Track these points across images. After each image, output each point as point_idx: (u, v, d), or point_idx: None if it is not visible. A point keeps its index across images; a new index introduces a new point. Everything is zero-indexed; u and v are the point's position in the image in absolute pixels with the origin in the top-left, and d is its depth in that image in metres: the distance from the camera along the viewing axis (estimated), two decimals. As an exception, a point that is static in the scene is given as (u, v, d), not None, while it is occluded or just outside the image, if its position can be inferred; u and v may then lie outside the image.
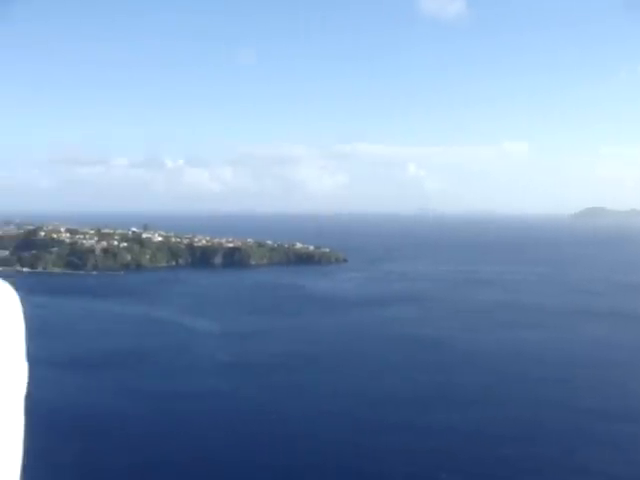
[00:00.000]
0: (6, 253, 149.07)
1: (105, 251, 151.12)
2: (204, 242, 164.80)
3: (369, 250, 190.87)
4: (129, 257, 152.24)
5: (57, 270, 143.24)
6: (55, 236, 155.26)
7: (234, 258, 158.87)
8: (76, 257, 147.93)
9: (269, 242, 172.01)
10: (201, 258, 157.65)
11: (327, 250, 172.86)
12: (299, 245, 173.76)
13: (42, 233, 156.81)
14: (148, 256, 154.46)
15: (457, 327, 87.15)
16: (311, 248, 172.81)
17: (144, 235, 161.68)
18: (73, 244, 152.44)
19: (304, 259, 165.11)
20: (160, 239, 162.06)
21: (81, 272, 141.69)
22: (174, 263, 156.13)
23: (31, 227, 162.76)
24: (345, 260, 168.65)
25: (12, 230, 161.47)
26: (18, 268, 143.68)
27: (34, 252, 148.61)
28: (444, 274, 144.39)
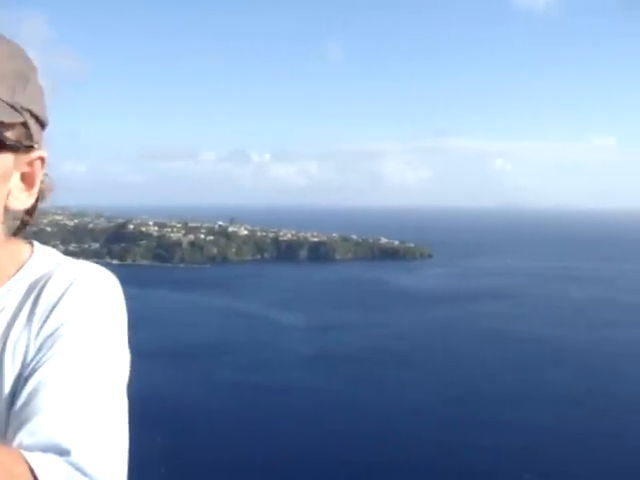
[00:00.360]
0: (97, 246, 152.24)
1: (192, 244, 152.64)
2: (289, 236, 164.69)
3: (454, 245, 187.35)
4: (215, 250, 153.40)
5: (145, 263, 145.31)
6: (144, 229, 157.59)
7: (319, 252, 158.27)
8: (163, 250, 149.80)
9: (354, 236, 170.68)
10: (286, 252, 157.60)
11: (412, 245, 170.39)
12: (384, 240, 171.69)
13: (131, 226, 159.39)
14: (234, 250, 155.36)
15: (549, 324, 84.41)
16: (396, 243, 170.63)
17: (230, 229, 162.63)
18: (161, 237, 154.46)
19: (389, 254, 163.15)
20: (246, 233, 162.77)
21: (168, 265, 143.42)
22: (259, 257, 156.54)
23: (121, 220, 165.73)
24: (430, 255, 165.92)
25: (102, 223, 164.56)
26: (108, 260, 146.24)
27: (123, 245, 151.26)
28: (532, 269, 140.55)
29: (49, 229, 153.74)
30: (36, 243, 1.29)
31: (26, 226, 1.32)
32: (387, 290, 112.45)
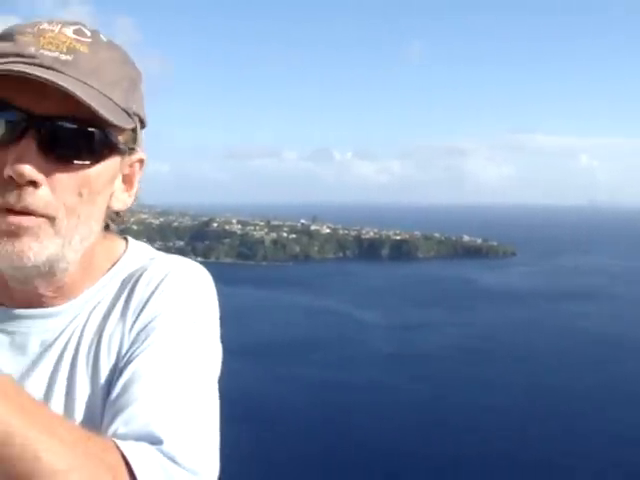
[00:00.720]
0: (181, 244, 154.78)
1: (274, 242, 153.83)
2: (371, 234, 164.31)
3: (539, 243, 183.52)
4: (297, 249, 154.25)
5: (228, 260, 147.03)
6: (227, 227, 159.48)
7: (401, 250, 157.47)
8: (246, 248, 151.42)
9: (436, 234, 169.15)
10: (368, 250, 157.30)
11: (495, 243, 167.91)
12: (466, 238, 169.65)
13: (215, 225, 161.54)
14: (316, 248, 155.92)
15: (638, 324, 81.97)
16: (479, 241, 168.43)
17: (312, 227, 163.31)
18: (244, 235, 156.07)
19: (471, 252, 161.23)
20: (328, 231, 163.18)
21: (251, 262, 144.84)
22: (341, 255, 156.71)
23: (205, 219, 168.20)
24: (514, 253, 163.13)
25: (187, 222, 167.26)
26: (192, 257, 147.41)
27: (207, 243, 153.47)
28: (622, 269, 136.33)
29: (135, 227, 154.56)
30: (130, 239, 1.33)
31: (115, 224, 1.36)
32: (471, 288, 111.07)
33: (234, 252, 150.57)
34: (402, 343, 73.29)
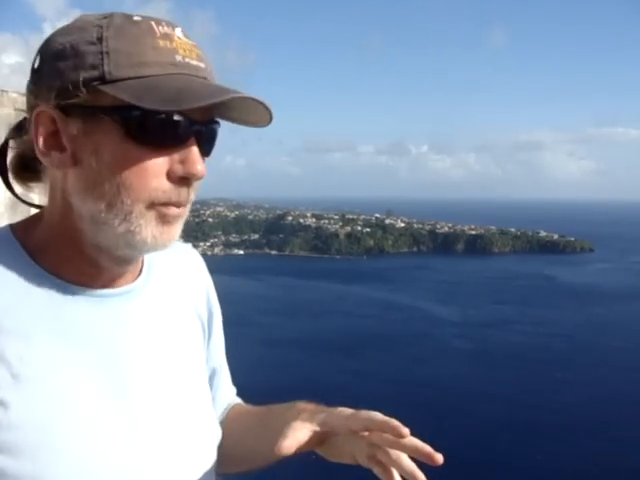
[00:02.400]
0: (256, 236, 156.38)
1: (348, 236, 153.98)
2: (446, 229, 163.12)
3: (619, 239, 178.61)
4: (372, 242, 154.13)
5: (303, 253, 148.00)
6: (302, 221, 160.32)
7: (476, 245, 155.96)
8: (320, 241, 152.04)
9: (512, 229, 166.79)
10: (442, 244, 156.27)
11: (572, 239, 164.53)
12: (543, 233, 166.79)
13: (289, 218, 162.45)
14: (390, 242, 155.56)
15: None
16: (555, 236, 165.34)
17: (387, 221, 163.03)
18: (318, 229, 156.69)
19: (548, 247, 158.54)
20: (402, 225, 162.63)
21: (325, 256, 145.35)
22: (416, 249, 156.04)
23: (279, 212, 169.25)
24: (592, 249, 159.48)
25: (262, 215, 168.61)
26: (267, 251, 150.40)
27: (282, 236, 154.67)
28: None
29: (211, 220, 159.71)
30: None
31: None
32: (548, 285, 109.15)
33: (308, 245, 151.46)
34: (478, 341, 72.48)
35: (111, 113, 1.06)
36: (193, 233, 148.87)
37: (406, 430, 1.02)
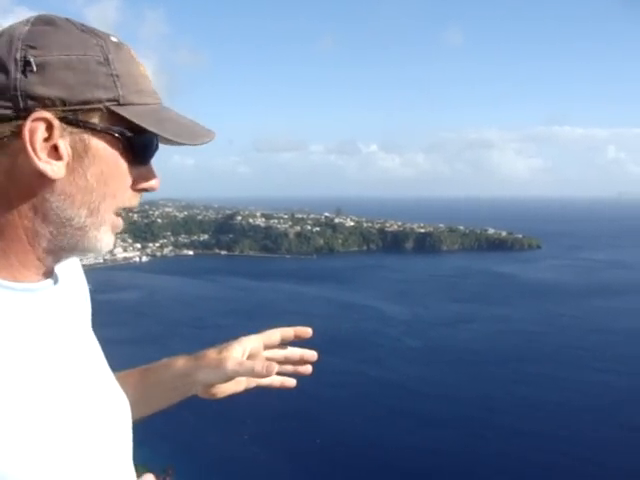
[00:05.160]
0: (206, 237, 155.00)
1: (298, 235, 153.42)
2: (395, 227, 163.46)
3: (566, 236, 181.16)
4: (322, 241, 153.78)
5: (252, 253, 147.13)
6: (251, 221, 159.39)
7: (425, 243, 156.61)
8: (270, 241, 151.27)
9: (461, 227, 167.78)
10: (392, 243, 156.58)
11: (520, 236, 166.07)
12: (491, 230, 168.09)
13: (239, 218, 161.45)
14: (340, 240, 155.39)
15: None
16: (503, 234, 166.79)
17: (336, 220, 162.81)
18: (267, 228, 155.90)
19: (496, 245, 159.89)
20: (352, 224, 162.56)
21: (275, 256, 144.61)
22: (365, 248, 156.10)
23: (229, 212, 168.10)
24: (539, 246, 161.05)
25: (211, 215, 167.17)
26: (217, 251, 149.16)
27: (231, 236, 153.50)
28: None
29: (160, 221, 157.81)
30: None
31: None
32: (499, 283, 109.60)
33: (258, 245, 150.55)
34: (431, 340, 72.34)
35: (120, 132, 1.10)
36: (142, 234, 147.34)
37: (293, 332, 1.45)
